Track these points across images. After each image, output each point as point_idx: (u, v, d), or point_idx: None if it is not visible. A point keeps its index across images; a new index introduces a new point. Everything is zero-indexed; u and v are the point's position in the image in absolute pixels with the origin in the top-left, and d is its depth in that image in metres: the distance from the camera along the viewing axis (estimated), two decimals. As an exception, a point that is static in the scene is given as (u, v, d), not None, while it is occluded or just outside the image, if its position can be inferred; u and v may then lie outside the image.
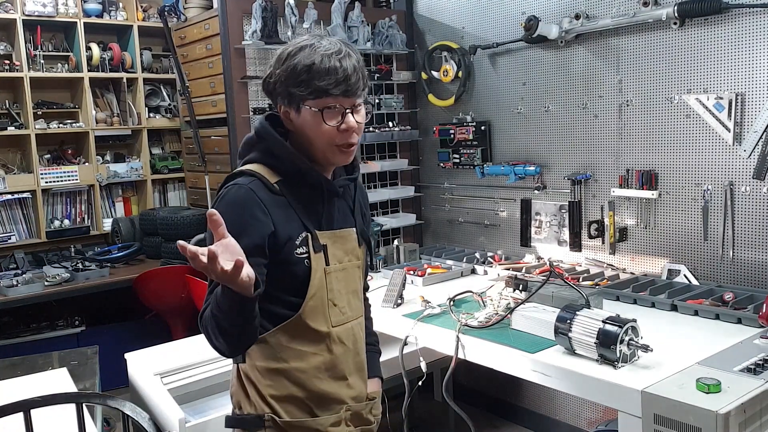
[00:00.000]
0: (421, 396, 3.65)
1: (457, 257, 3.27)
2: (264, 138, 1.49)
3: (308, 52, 1.39)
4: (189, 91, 4.14)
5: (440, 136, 3.56)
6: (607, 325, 1.87)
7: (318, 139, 1.44)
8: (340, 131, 1.43)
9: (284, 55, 1.42)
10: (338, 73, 1.38)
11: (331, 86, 1.38)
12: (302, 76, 1.38)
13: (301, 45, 1.41)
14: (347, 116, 1.43)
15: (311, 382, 1.48)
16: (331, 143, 1.44)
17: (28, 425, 1.65)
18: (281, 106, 1.47)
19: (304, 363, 1.48)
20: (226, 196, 1.43)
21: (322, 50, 1.39)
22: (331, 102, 1.40)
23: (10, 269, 4.11)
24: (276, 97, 1.47)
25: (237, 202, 1.41)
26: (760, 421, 1.66)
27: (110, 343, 3.57)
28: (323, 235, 1.49)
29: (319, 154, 1.46)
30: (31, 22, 4.30)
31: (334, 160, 1.48)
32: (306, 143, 1.46)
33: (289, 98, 1.43)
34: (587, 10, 2.83)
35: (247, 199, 1.40)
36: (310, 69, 1.38)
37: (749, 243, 2.46)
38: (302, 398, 1.48)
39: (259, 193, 1.42)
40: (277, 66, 1.43)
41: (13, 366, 2.55)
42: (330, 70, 1.37)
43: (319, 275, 1.47)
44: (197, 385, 2.55)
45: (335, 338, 1.50)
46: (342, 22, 3.37)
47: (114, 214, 4.81)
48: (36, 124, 4.34)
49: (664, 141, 2.67)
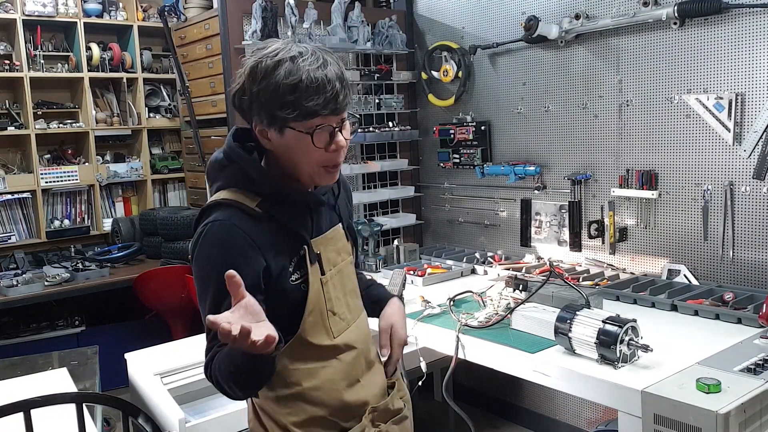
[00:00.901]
0: (421, 396, 3.65)
1: (457, 257, 3.27)
2: (235, 161, 1.38)
3: (290, 67, 1.25)
4: (189, 91, 4.14)
5: (440, 136, 3.56)
6: (607, 325, 1.87)
7: (303, 162, 1.33)
8: (329, 152, 1.32)
9: (261, 71, 1.27)
10: (327, 90, 1.26)
11: (319, 106, 1.26)
12: (287, 97, 1.25)
13: (279, 58, 1.26)
14: (336, 135, 1.32)
15: (329, 397, 1.41)
16: (319, 165, 1.34)
17: (28, 425, 1.64)
18: (256, 125, 1.33)
19: (316, 380, 1.40)
20: (208, 237, 1.31)
21: (306, 65, 1.25)
22: (319, 122, 1.28)
23: (10, 269, 4.11)
24: (251, 116, 1.33)
25: (222, 244, 1.30)
26: (760, 421, 1.66)
27: (110, 343, 3.57)
28: (315, 242, 1.41)
29: (304, 176, 1.37)
30: (31, 22, 4.31)
31: (321, 181, 1.39)
32: (288, 165, 1.36)
33: (270, 119, 1.29)
34: (587, 10, 2.83)
35: (232, 238, 1.30)
36: (296, 88, 1.24)
37: (749, 243, 2.46)
38: (325, 416, 1.41)
39: (244, 227, 1.31)
40: (253, 82, 1.28)
41: (13, 366, 2.54)
42: (319, 88, 1.25)
43: (315, 288, 1.40)
44: (197, 385, 2.55)
45: (341, 346, 1.44)
46: (342, 22, 3.37)
47: (114, 214, 4.81)
48: (36, 124, 4.34)
49: (664, 141, 2.67)
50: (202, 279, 1.33)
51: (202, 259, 1.33)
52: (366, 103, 3.55)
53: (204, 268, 1.32)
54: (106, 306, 4.37)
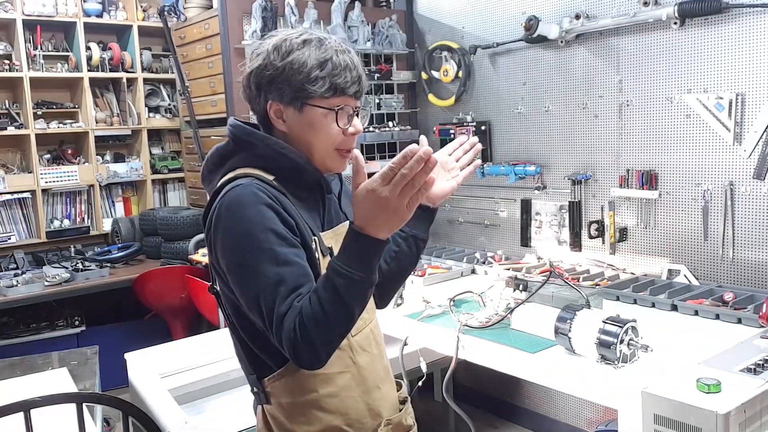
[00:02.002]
0: (421, 396, 3.65)
1: (457, 257, 3.27)
2: (244, 141, 1.32)
3: (318, 46, 1.27)
4: (189, 91, 4.14)
5: (440, 136, 3.56)
6: (607, 325, 1.87)
7: (320, 141, 1.30)
8: (346, 134, 1.31)
9: (288, 47, 1.27)
10: (353, 71, 1.28)
11: (347, 84, 1.28)
12: (315, 72, 1.25)
13: (304, 38, 1.28)
14: (354, 118, 1.32)
15: (345, 405, 1.34)
16: (334, 147, 1.31)
17: (28, 425, 1.64)
18: (272, 104, 1.30)
19: (333, 387, 1.33)
20: (234, 203, 1.21)
21: (334, 46, 1.28)
22: (342, 102, 1.29)
23: (10, 269, 4.11)
24: (266, 92, 1.30)
25: (248, 201, 1.21)
26: (761, 421, 1.66)
27: (110, 343, 3.57)
28: (326, 236, 1.34)
29: (318, 158, 1.33)
30: (31, 21, 4.31)
31: (332, 165, 1.35)
32: (302, 146, 1.32)
33: (293, 95, 1.27)
34: (587, 10, 2.83)
35: (261, 195, 1.22)
36: (325, 64, 1.26)
37: (749, 243, 2.46)
38: (341, 426, 1.33)
39: (269, 191, 1.24)
40: (278, 57, 1.27)
41: (13, 366, 2.54)
42: (346, 67, 1.27)
43: None
44: (197, 385, 2.55)
45: (357, 348, 1.36)
46: (342, 22, 3.37)
47: (114, 214, 4.81)
48: (36, 124, 4.34)
49: (664, 141, 2.67)
50: (241, 247, 1.19)
51: (232, 227, 1.21)
52: (366, 103, 3.54)
53: (239, 235, 1.20)
54: (106, 306, 4.37)
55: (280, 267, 1.18)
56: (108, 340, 3.77)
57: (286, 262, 1.19)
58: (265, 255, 1.18)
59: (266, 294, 1.17)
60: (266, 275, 1.18)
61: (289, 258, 1.20)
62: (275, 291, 1.17)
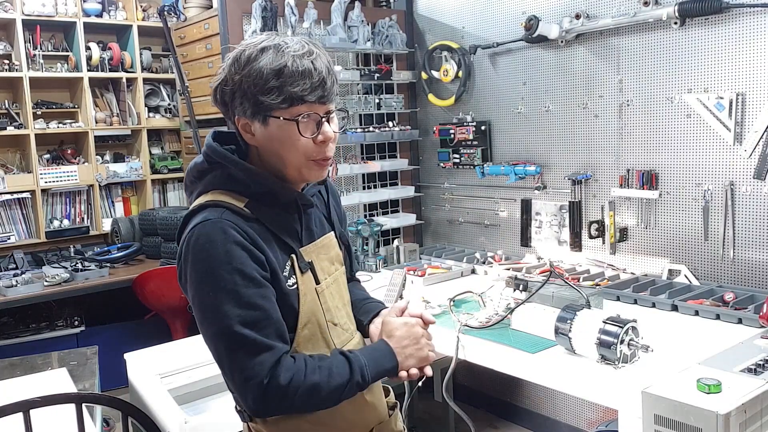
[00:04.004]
0: (421, 396, 3.65)
1: (457, 257, 3.26)
2: (217, 163, 1.29)
3: (274, 53, 1.21)
4: (189, 91, 4.14)
5: (440, 136, 3.56)
6: (607, 325, 1.87)
7: (291, 154, 1.26)
8: (317, 143, 1.26)
9: (244, 58, 1.23)
10: (313, 76, 1.21)
11: (306, 92, 1.21)
12: (271, 82, 1.20)
13: (262, 46, 1.22)
14: (323, 125, 1.26)
15: (333, 416, 1.31)
16: (307, 157, 1.27)
17: (28, 425, 1.64)
18: (239, 118, 1.27)
19: None
20: (202, 238, 1.21)
21: (291, 51, 1.21)
22: (305, 110, 1.23)
23: (10, 269, 4.11)
24: (233, 107, 1.27)
25: (217, 239, 1.19)
26: (761, 421, 1.66)
27: (110, 343, 3.58)
28: (306, 250, 1.34)
29: (292, 171, 1.29)
30: (31, 21, 4.30)
31: (309, 176, 1.31)
32: (275, 159, 1.28)
33: (253, 108, 1.24)
34: (587, 9, 2.83)
35: (229, 232, 1.20)
36: (280, 73, 1.20)
37: (750, 243, 2.46)
38: None
39: (237, 224, 1.22)
40: (235, 70, 1.23)
41: (13, 366, 2.55)
42: (304, 73, 1.21)
43: (310, 298, 1.32)
44: (197, 385, 2.55)
45: None
46: (342, 22, 3.37)
47: (113, 214, 4.81)
48: (35, 123, 4.34)
49: (664, 141, 2.67)
50: (207, 284, 1.21)
51: (199, 263, 1.21)
52: (366, 103, 3.54)
53: (206, 272, 1.20)
54: (106, 306, 4.37)
55: (242, 309, 1.20)
56: (108, 341, 3.78)
57: (250, 304, 1.20)
58: (229, 295, 1.20)
59: (224, 334, 1.21)
60: (227, 315, 1.20)
61: (253, 300, 1.21)
62: (233, 334, 1.19)
